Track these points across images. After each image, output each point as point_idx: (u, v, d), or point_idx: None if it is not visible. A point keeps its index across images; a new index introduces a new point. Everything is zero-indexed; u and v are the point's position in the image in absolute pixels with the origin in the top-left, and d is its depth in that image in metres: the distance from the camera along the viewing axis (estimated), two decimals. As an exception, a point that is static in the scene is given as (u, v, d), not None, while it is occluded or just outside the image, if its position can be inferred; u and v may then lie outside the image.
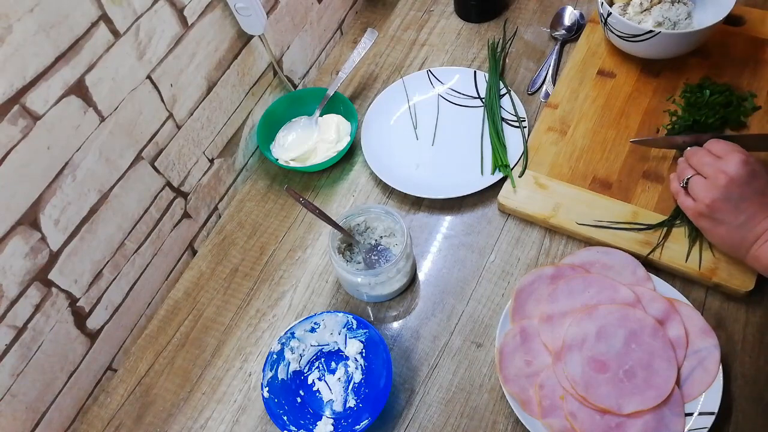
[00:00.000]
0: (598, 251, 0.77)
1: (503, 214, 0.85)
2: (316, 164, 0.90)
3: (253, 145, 0.95)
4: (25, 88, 0.58)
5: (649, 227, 0.78)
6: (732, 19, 0.92)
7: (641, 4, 0.90)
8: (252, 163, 0.96)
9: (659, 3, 0.89)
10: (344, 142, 0.92)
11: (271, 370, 0.71)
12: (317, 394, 0.74)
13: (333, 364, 0.76)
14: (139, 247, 0.79)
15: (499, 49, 1.02)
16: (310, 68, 1.05)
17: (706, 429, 0.64)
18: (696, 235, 0.76)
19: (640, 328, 0.69)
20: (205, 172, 0.87)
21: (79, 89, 0.64)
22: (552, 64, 0.99)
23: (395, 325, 0.79)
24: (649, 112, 0.89)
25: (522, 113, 0.92)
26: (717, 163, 0.69)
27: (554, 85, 0.95)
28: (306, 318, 0.74)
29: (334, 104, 0.95)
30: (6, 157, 0.58)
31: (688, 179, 0.72)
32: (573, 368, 0.68)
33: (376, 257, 0.79)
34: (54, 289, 0.68)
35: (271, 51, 0.92)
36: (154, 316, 0.84)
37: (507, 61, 1.01)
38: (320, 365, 0.76)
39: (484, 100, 0.96)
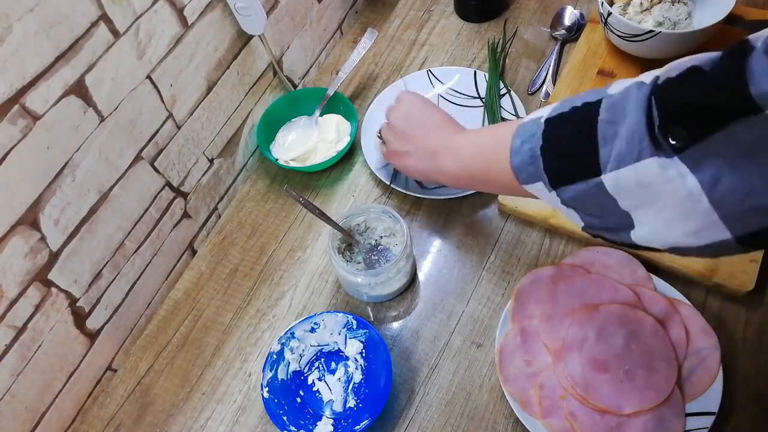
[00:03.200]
0: (598, 251, 0.77)
1: (503, 214, 0.85)
2: (316, 164, 0.90)
3: (253, 145, 0.95)
4: (24, 88, 0.58)
5: None
6: (732, 19, 0.92)
7: (641, 4, 0.90)
8: (252, 163, 0.96)
9: (659, 3, 0.89)
10: (344, 142, 0.92)
11: (271, 371, 0.71)
12: (317, 394, 0.74)
13: (333, 365, 0.76)
14: (139, 247, 0.79)
15: (499, 49, 1.01)
16: (310, 68, 1.05)
17: (706, 429, 0.64)
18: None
19: (641, 328, 0.69)
20: (205, 172, 0.87)
21: (79, 89, 0.63)
22: (552, 64, 0.99)
23: (395, 325, 0.79)
24: (649, 112, 0.89)
25: (522, 113, 0.92)
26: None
27: (554, 85, 0.95)
28: (306, 318, 0.74)
29: (334, 104, 0.95)
30: (6, 157, 0.58)
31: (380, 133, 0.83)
32: (573, 368, 0.68)
33: (376, 257, 0.79)
34: (54, 289, 0.68)
35: (271, 51, 0.92)
36: (154, 316, 0.84)
37: (507, 61, 1.01)
38: (320, 365, 0.76)
39: (484, 100, 0.95)
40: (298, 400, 0.73)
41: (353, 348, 0.74)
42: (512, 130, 0.57)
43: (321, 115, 0.95)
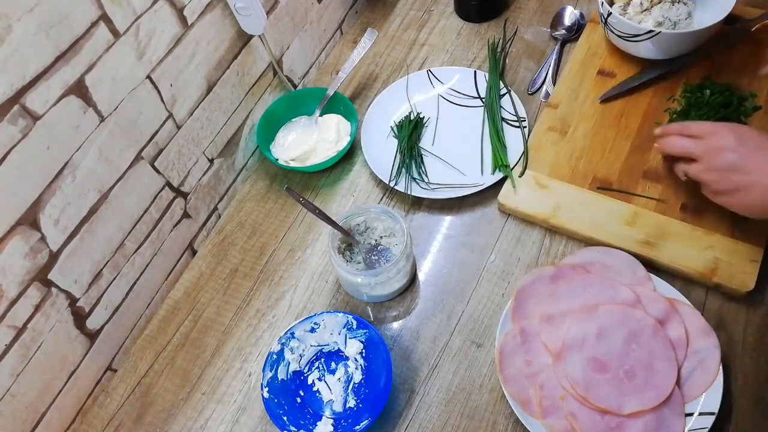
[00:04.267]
0: (598, 251, 0.77)
1: (503, 214, 0.85)
2: (316, 164, 0.90)
3: (253, 145, 0.95)
4: (25, 88, 0.58)
5: None
6: (732, 19, 0.92)
7: (641, 3, 0.90)
8: (252, 163, 0.96)
9: (659, 3, 0.89)
10: (344, 142, 0.92)
11: (271, 371, 0.71)
12: (317, 394, 0.74)
13: (333, 365, 0.76)
14: (139, 247, 0.79)
15: (499, 49, 1.01)
16: (310, 68, 1.05)
17: (707, 429, 0.64)
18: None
19: (641, 329, 0.69)
20: (205, 172, 0.87)
21: (79, 89, 0.63)
22: (552, 64, 0.99)
23: (395, 325, 0.79)
24: (649, 112, 0.89)
25: (522, 113, 0.92)
26: (704, 143, 0.67)
27: (554, 85, 0.95)
28: (306, 318, 0.74)
29: (334, 104, 0.95)
30: (6, 157, 0.58)
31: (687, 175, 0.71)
32: (573, 368, 0.68)
33: (376, 257, 0.79)
34: (54, 289, 0.68)
35: (271, 51, 0.92)
36: (154, 316, 0.84)
37: (507, 61, 1.01)
38: (320, 365, 0.76)
39: (484, 100, 0.95)
40: (298, 400, 0.73)
41: (353, 348, 0.74)
42: None
43: (321, 115, 0.95)
